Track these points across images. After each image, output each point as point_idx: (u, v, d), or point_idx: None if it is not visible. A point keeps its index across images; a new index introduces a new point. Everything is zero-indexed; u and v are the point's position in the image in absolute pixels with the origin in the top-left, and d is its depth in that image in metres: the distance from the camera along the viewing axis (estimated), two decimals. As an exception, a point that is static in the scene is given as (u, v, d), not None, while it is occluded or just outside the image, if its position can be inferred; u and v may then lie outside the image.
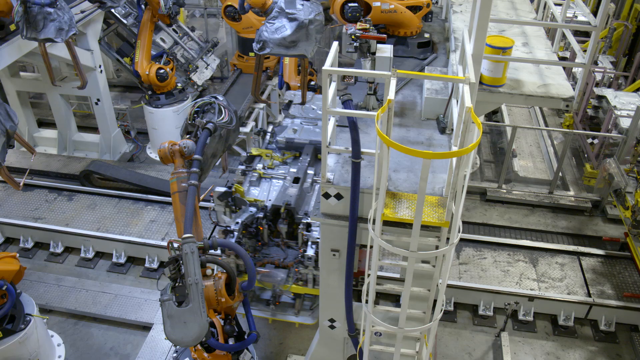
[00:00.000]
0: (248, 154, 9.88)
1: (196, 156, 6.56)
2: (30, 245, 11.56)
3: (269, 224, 8.76)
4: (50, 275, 10.89)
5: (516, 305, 9.73)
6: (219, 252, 8.46)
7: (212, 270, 6.45)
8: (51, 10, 9.63)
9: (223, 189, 8.62)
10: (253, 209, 8.76)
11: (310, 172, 9.35)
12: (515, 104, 13.76)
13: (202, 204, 8.69)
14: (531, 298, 9.79)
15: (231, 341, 7.28)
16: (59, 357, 9.42)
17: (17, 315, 8.34)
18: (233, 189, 8.68)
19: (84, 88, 11.68)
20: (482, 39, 5.90)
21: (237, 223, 8.50)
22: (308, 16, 8.70)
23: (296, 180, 9.07)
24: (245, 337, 7.39)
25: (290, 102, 11.22)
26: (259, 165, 9.53)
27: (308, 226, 8.52)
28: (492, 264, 10.53)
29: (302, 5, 8.83)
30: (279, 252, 8.83)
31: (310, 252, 8.32)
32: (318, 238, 8.20)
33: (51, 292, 10.48)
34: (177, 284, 6.11)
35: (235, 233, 8.36)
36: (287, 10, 8.52)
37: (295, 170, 9.31)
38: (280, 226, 8.71)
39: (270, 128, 10.36)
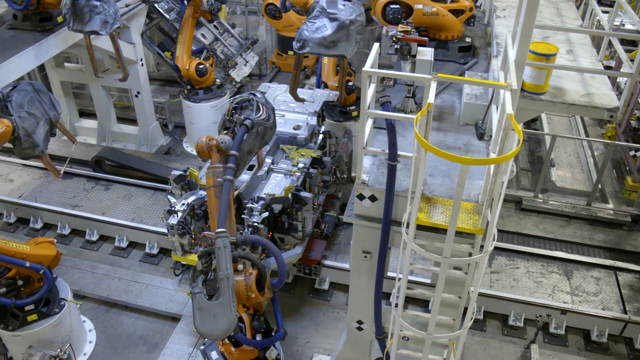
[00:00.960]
0: None
1: (233, 152, 6.61)
2: (67, 231, 11.84)
3: None
4: (85, 262, 11.13)
5: (548, 318, 9.54)
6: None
7: (244, 265, 6.49)
8: (97, 3, 9.87)
9: (179, 172, 8.94)
10: (203, 192, 8.92)
11: (268, 160, 9.59)
12: (557, 113, 13.50)
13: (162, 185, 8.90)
14: (564, 311, 9.58)
15: (258, 337, 7.32)
16: (90, 342, 9.65)
17: (52, 299, 8.56)
18: (187, 173, 8.97)
19: (125, 80, 11.93)
20: (525, 45, 5.81)
21: (184, 204, 8.67)
22: (349, 16, 8.70)
23: (250, 167, 9.27)
24: (273, 334, 7.42)
25: (328, 102, 11.24)
26: None
27: (251, 211, 8.60)
28: (524, 274, 10.34)
29: (344, 5, 8.82)
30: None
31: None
32: (255, 222, 8.36)
33: (85, 278, 10.72)
34: (208, 278, 6.18)
35: (179, 213, 8.52)
36: (328, 10, 8.53)
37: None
38: None
39: None
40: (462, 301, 5.91)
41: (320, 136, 10.49)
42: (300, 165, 9.64)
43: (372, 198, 6.02)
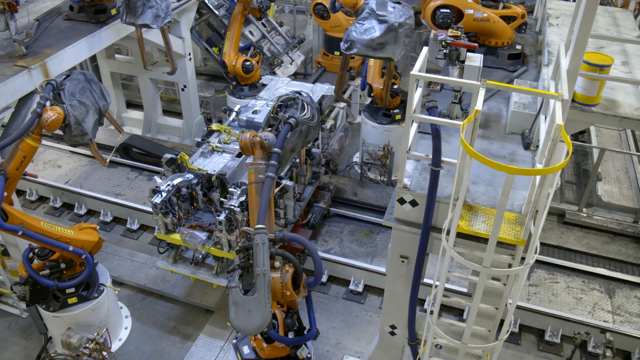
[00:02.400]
0: (208, 129, 10.53)
1: (276, 149, 6.65)
2: (109, 219, 12.13)
3: (205, 191, 9.22)
4: (124, 250, 11.38)
5: (586, 336, 9.27)
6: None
7: (280, 262, 6.53)
8: None
9: (170, 156, 9.34)
10: (190, 175, 9.13)
11: None
12: (607, 126, 13.14)
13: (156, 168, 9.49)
14: (604, 330, 9.30)
15: (291, 335, 7.34)
16: (126, 328, 9.85)
17: (92, 284, 8.79)
18: (178, 157, 9.31)
19: (173, 74, 12.14)
20: (579, 54, 5.67)
21: (169, 185, 8.87)
22: (398, 19, 8.65)
23: (239, 155, 9.62)
24: (305, 332, 7.44)
25: (371, 104, 11.25)
26: (215, 140, 10.15)
27: (231, 195, 8.75)
28: (564, 289, 10.09)
29: (394, 8, 8.78)
30: (211, 218, 9.15)
31: (221, 216, 8.52)
32: (232, 205, 8.51)
33: (124, 265, 10.95)
34: (245, 273, 6.23)
35: (164, 193, 8.73)
36: (377, 12, 8.50)
37: None
38: (212, 194, 9.17)
39: (237, 108, 10.86)
40: (499, 313, 5.81)
41: None
42: None
43: (413, 203, 5.96)
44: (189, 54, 13.62)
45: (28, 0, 11.37)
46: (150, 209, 8.91)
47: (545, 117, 5.84)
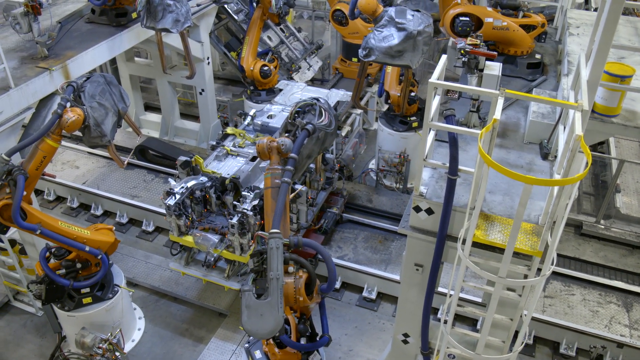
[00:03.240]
0: (223, 132, 10.59)
1: (292, 155, 6.66)
2: (125, 220, 12.22)
3: (218, 194, 9.25)
4: (139, 252, 11.45)
5: (603, 350, 9.15)
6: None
7: (294, 268, 6.53)
8: (171, 2, 10.21)
9: (184, 158, 9.45)
10: (204, 178, 9.18)
11: None
12: (627, 137, 12.97)
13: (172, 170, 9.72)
14: (620, 345, 9.16)
15: (303, 341, 7.33)
16: (139, 329, 9.90)
17: (106, 285, 8.85)
18: (193, 159, 9.41)
19: (191, 78, 12.23)
20: (600, 64, 5.62)
21: (183, 187, 8.91)
22: (417, 27, 8.64)
23: (253, 158, 9.71)
24: (318, 339, 7.42)
25: (388, 111, 11.23)
26: (230, 143, 10.24)
27: (244, 199, 8.77)
28: (580, 301, 9.97)
29: (413, 15, 8.77)
30: (224, 221, 9.14)
31: (234, 220, 8.52)
32: (245, 208, 8.52)
33: (139, 267, 11.02)
34: (259, 277, 6.24)
35: (177, 195, 8.79)
36: (396, 20, 8.50)
37: None
38: (226, 197, 9.18)
39: (252, 112, 10.99)
40: (513, 324, 5.75)
41: None
42: None
43: (429, 211, 5.94)
44: (208, 58, 13.71)
45: (51, 3, 11.53)
46: (165, 211, 8.98)
47: (564, 127, 5.78)
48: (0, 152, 8.19)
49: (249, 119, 10.94)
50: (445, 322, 6.01)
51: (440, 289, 8.64)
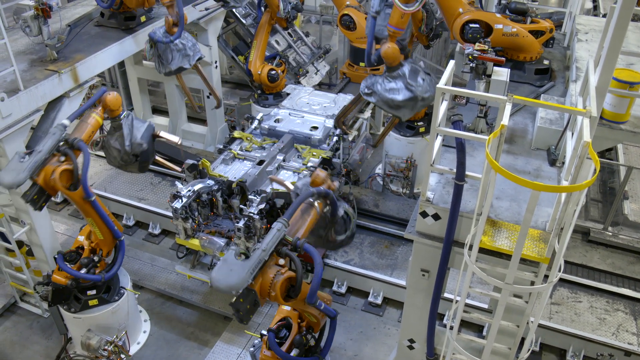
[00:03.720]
0: (230, 136, 10.68)
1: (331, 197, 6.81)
2: (131, 223, 12.25)
3: (225, 198, 9.30)
4: (145, 254, 11.48)
5: (610, 358, 9.09)
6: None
7: (287, 264, 6.42)
8: (176, 42, 10.69)
9: (191, 162, 9.45)
10: (211, 182, 9.21)
11: (279, 157, 10.03)
12: (635, 144, 12.91)
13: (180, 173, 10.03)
14: (628, 353, 9.09)
15: (294, 352, 7.30)
16: (144, 332, 9.91)
17: (113, 287, 8.86)
18: (200, 163, 9.44)
19: (219, 108, 12.39)
20: (609, 71, 5.60)
21: (189, 190, 8.95)
22: (424, 94, 8.75)
23: (260, 162, 9.77)
24: (310, 355, 7.42)
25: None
26: (237, 147, 10.36)
27: (251, 202, 8.80)
28: (587, 308, 9.91)
29: (423, 80, 8.85)
30: (231, 225, 9.18)
31: (240, 223, 8.55)
32: (251, 212, 8.55)
33: (145, 270, 11.05)
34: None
35: (184, 199, 8.81)
36: (408, 80, 8.54)
37: (265, 153, 10.10)
38: (232, 201, 9.24)
39: (259, 116, 11.08)
40: (520, 330, 5.73)
41: (335, 138, 10.70)
42: (310, 164, 9.90)
43: (436, 216, 5.93)
44: (215, 62, 13.75)
45: (61, 6, 11.61)
46: (171, 214, 9.01)
47: (572, 134, 5.77)
48: (9, 154, 8.30)
49: (256, 122, 11.01)
50: (451, 328, 5.99)
51: (446, 295, 8.61)
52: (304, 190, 7.62)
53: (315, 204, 6.85)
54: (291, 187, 8.50)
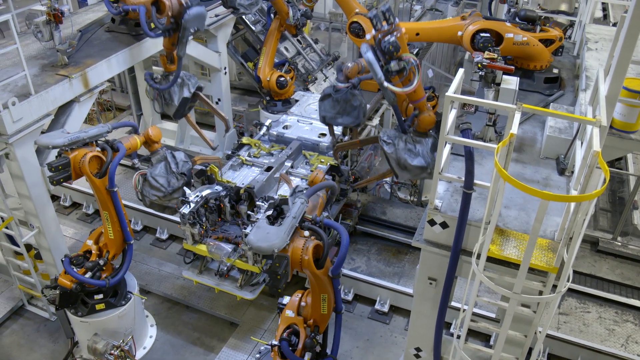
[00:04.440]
0: (239, 142, 10.73)
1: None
2: (139, 227, 12.30)
3: (233, 204, 9.31)
4: (153, 259, 11.51)
5: (618, 369, 9.01)
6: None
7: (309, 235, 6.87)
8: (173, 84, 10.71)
9: (200, 167, 9.53)
10: (219, 188, 9.23)
11: (287, 164, 10.09)
12: (645, 154, 12.86)
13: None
14: (637, 364, 9.03)
15: (307, 356, 7.30)
16: (151, 337, 9.92)
17: (120, 291, 8.88)
18: (208, 169, 9.48)
19: (228, 132, 12.46)
20: (619, 80, 5.59)
21: (197, 196, 8.95)
22: (430, 168, 8.63)
23: (268, 169, 9.82)
24: (323, 358, 7.41)
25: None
26: (245, 153, 10.42)
27: (258, 209, 8.72)
28: (596, 319, 9.83)
29: (434, 158, 8.81)
30: (238, 230, 9.20)
31: (248, 229, 8.44)
32: (258, 218, 8.40)
33: (152, 274, 11.07)
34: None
35: (192, 204, 8.83)
36: (429, 150, 8.35)
37: (273, 160, 10.12)
38: (240, 207, 9.25)
39: (267, 122, 11.13)
40: (527, 340, 5.68)
41: None
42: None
43: (444, 225, 5.90)
44: (225, 68, 13.81)
45: (72, 12, 11.70)
46: (179, 219, 9.02)
47: (582, 143, 5.74)
48: (20, 158, 8.36)
49: (264, 129, 11.03)
50: (459, 337, 5.96)
51: (453, 304, 8.57)
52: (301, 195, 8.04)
53: (321, 193, 7.52)
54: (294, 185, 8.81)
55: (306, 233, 6.79)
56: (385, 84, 6.89)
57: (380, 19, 6.59)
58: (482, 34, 7.79)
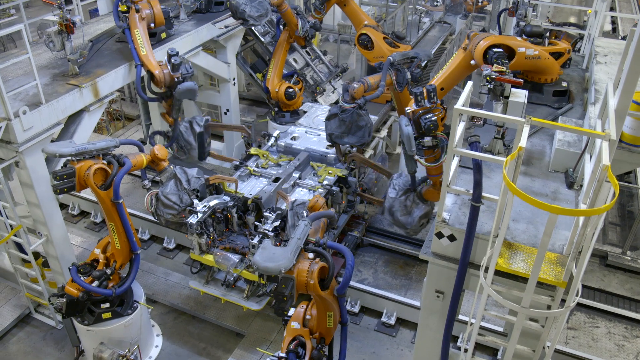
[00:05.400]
0: (247, 153, 10.79)
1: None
2: (146, 237, 12.32)
3: (240, 214, 9.35)
4: (159, 269, 11.51)
5: (627, 385, 8.92)
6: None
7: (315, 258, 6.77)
8: (180, 126, 10.98)
9: (208, 176, 9.53)
10: (226, 198, 9.27)
11: (295, 175, 10.17)
12: (654, 168, 12.76)
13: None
14: (646, 380, 8.93)
15: None
16: (156, 346, 9.90)
17: (126, 301, 8.88)
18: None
19: (250, 138, 12.66)
20: (629, 94, 5.57)
21: (205, 206, 8.99)
22: (414, 224, 9.02)
23: (276, 179, 9.87)
24: None
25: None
26: (253, 164, 10.49)
27: (266, 219, 8.84)
28: (605, 334, 9.73)
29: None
30: (245, 241, 9.21)
31: (255, 240, 8.59)
32: (266, 229, 8.64)
33: (158, 284, 11.07)
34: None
35: (199, 214, 8.86)
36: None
37: (281, 171, 10.20)
38: (247, 217, 9.30)
39: (276, 133, 11.20)
40: (535, 355, 5.63)
41: None
42: (325, 182, 9.91)
43: (451, 237, 5.88)
44: (233, 79, 13.88)
45: (84, 22, 11.82)
46: (186, 229, 9.05)
47: (591, 157, 5.72)
48: (29, 166, 8.42)
49: (272, 140, 11.07)
50: (466, 350, 5.91)
51: (460, 317, 8.52)
52: (300, 208, 8.69)
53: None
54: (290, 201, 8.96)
55: (310, 255, 6.71)
56: (417, 157, 7.53)
57: (423, 96, 7.16)
58: (495, 49, 7.75)
